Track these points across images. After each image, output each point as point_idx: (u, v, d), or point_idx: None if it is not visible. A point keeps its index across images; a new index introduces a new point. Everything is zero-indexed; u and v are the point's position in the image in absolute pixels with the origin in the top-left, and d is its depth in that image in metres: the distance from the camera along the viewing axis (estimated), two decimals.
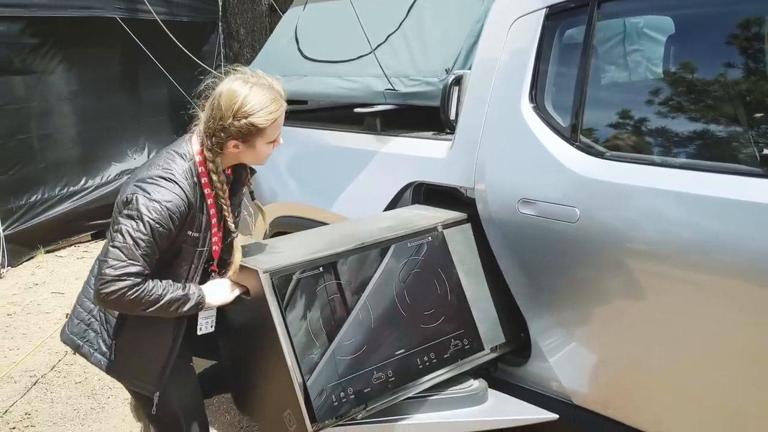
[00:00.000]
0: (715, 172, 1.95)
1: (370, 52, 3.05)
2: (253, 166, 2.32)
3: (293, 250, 2.19)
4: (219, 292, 2.15)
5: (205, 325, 2.22)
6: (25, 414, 3.62)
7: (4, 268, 5.64)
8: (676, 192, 1.97)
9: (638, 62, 2.42)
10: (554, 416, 2.34)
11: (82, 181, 6.54)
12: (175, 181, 2.02)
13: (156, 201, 1.97)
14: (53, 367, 3.94)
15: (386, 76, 2.95)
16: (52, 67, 6.19)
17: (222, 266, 2.23)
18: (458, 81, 2.65)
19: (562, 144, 2.27)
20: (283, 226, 3.19)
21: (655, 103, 2.19)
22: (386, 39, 3.16)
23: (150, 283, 2.00)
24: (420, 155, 2.72)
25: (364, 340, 2.12)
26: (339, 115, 3.45)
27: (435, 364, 2.24)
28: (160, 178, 2.02)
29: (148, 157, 7.16)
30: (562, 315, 2.33)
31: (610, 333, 2.21)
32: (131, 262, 1.95)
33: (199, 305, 2.11)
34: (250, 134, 2.08)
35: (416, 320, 2.26)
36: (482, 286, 2.47)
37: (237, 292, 2.15)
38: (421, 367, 2.22)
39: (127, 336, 2.14)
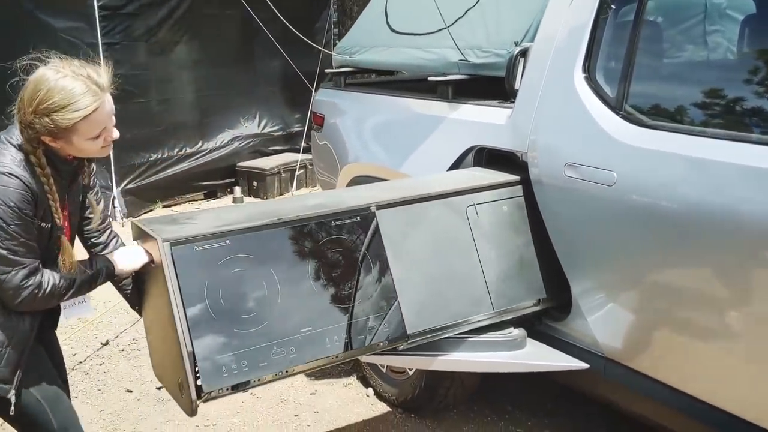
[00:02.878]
0: (747, 142, 2.06)
1: (448, 26, 3.25)
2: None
3: (206, 222, 2.16)
4: (128, 259, 2.14)
5: (77, 310, 2.19)
6: (133, 339, 4.12)
7: (124, 218, 6.27)
8: (702, 159, 2.10)
9: (685, 38, 2.51)
10: (585, 365, 2.51)
11: (198, 144, 7.10)
12: (13, 174, 1.88)
13: (2, 204, 1.86)
14: None
15: (458, 48, 3.16)
16: (174, 36, 6.75)
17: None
18: (524, 53, 2.83)
19: (607, 112, 2.41)
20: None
21: (696, 77, 2.30)
22: (465, 13, 3.35)
23: (55, 276, 1.98)
24: (483, 121, 2.92)
25: (267, 315, 2.09)
26: (417, 84, 3.69)
27: (347, 343, 2.20)
28: None
29: (259, 125, 7.67)
30: (600, 275, 2.48)
31: (641, 293, 2.36)
32: (17, 267, 1.90)
33: (110, 276, 2.13)
34: (58, 132, 1.90)
35: (331, 300, 2.21)
36: (417, 268, 2.39)
37: (146, 258, 2.12)
38: (329, 345, 2.17)
39: None
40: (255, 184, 7.25)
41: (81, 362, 3.85)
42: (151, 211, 6.61)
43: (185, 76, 6.97)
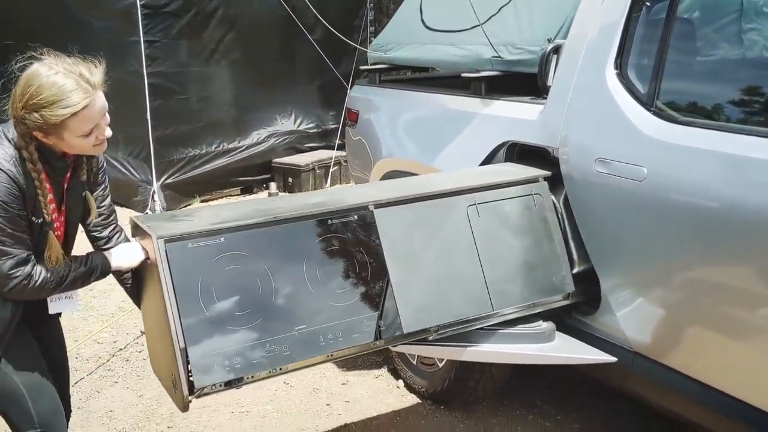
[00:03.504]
0: None
1: (482, 24, 3.29)
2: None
3: (203, 219, 2.16)
4: (125, 256, 2.18)
5: (63, 305, 2.20)
6: None
7: (164, 212, 6.42)
8: (733, 155, 2.12)
9: (718, 35, 2.51)
10: (613, 359, 2.53)
11: (236, 141, 7.23)
12: (0, 169, 1.92)
13: None
14: None
15: (492, 45, 3.20)
16: (214, 35, 6.88)
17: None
18: (557, 50, 2.86)
19: (639, 108, 2.43)
20: None
21: (730, 75, 2.32)
22: (499, 10, 3.39)
23: (47, 270, 2.03)
24: (515, 117, 2.96)
25: (261, 313, 2.09)
26: (450, 80, 3.74)
27: (341, 342, 2.19)
28: None
29: (295, 122, 7.77)
30: (629, 270, 2.50)
31: (669, 288, 2.37)
32: (5, 257, 1.94)
33: (105, 272, 2.16)
34: (48, 128, 1.93)
35: (326, 298, 2.19)
36: (415, 268, 2.37)
37: (143, 256, 2.14)
38: (323, 344, 2.16)
39: None
40: (290, 180, 7.36)
41: (122, 349, 3.98)
42: (189, 205, 6.76)
43: (223, 74, 7.09)
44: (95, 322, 4.29)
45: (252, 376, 2.07)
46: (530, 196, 2.64)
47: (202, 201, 6.90)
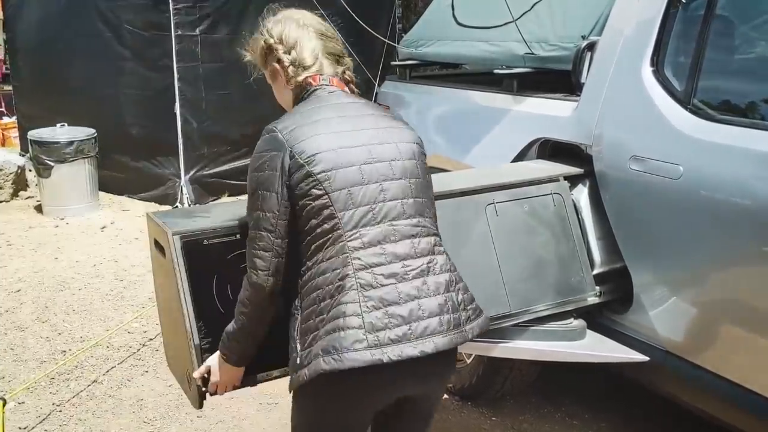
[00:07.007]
0: None
1: (514, 20, 3.29)
2: None
3: (218, 216, 2.14)
4: None
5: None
6: None
7: (192, 205, 6.49)
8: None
9: (758, 33, 2.48)
10: (645, 358, 2.52)
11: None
12: None
13: None
14: None
15: (525, 42, 3.19)
16: (245, 29, 6.91)
17: None
18: (591, 47, 2.85)
19: (675, 106, 2.42)
20: None
21: (767, 73, 2.31)
22: (532, 7, 3.38)
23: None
24: (548, 114, 2.95)
25: None
26: (481, 77, 3.73)
27: None
28: None
29: None
30: (663, 268, 2.49)
31: (704, 287, 2.36)
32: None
33: None
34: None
35: None
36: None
37: None
38: None
39: None
40: None
41: (151, 339, 4.03)
42: (217, 199, 6.81)
43: (251, 70, 7.11)
44: (126, 312, 4.35)
45: (267, 374, 2.05)
46: (550, 195, 2.62)
47: (229, 196, 6.95)
